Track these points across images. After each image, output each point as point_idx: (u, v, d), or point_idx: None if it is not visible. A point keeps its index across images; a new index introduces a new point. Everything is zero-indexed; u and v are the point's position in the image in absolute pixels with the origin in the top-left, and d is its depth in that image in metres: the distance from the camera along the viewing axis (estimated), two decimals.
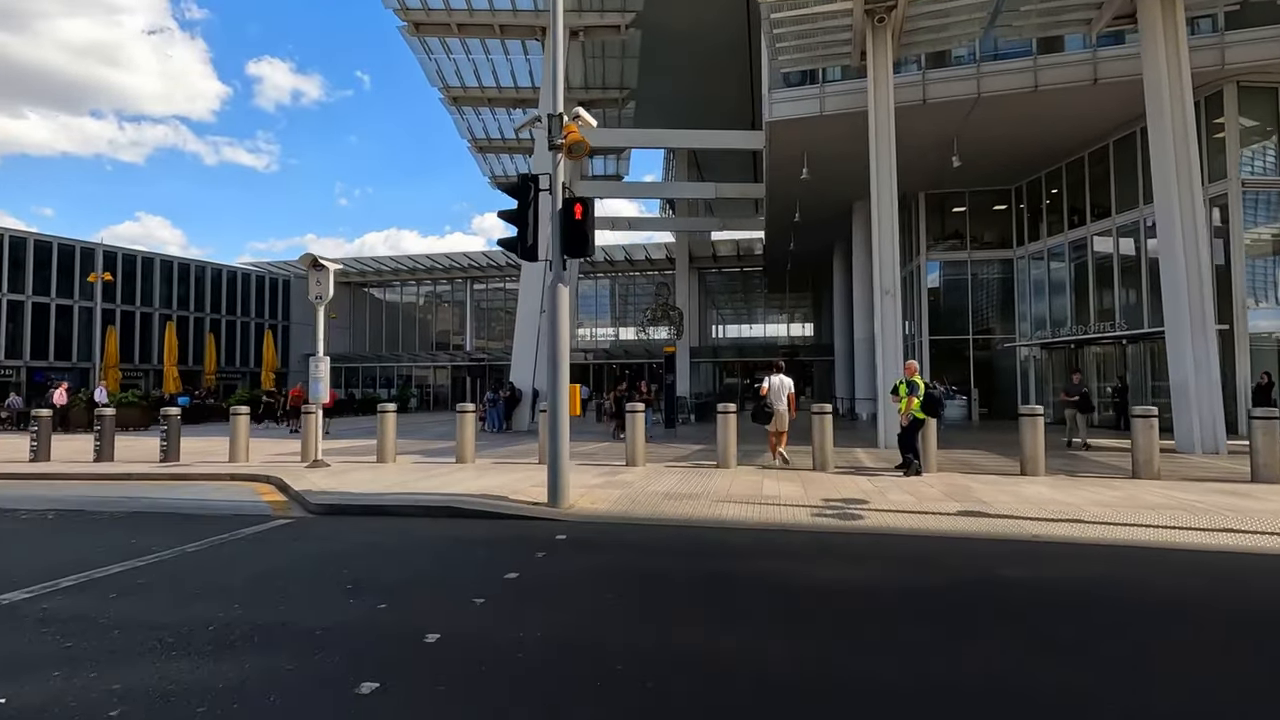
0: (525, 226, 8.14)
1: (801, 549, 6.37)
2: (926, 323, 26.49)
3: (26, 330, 32.63)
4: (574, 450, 15.67)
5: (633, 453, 11.70)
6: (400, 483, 9.79)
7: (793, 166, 22.98)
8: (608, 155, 34.69)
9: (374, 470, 11.35)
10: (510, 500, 8.25)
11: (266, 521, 7.58)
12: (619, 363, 42.07)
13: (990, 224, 27.25)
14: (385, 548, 6.38)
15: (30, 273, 32.62)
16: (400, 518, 7.71)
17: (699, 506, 7.89)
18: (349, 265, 44.73)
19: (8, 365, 32.27)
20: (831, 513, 7.54)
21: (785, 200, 26.77)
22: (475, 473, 10.96)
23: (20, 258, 32.66)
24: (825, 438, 11.07)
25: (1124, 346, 21.98)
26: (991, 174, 24.84)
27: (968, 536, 6.61)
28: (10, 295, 32.40)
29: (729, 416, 11.40)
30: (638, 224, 33.73)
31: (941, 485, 9.38)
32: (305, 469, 11.61)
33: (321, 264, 12.04)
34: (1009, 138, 21.39)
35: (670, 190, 32.15)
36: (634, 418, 11.69)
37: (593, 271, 44.20)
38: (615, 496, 8.57)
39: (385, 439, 12.54)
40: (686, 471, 10.95)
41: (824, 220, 29.12)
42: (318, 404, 12.08)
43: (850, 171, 23.84)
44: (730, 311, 46.79)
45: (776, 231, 31.54)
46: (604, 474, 10.69)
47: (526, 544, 6.40)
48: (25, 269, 32.76)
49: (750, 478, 10.18)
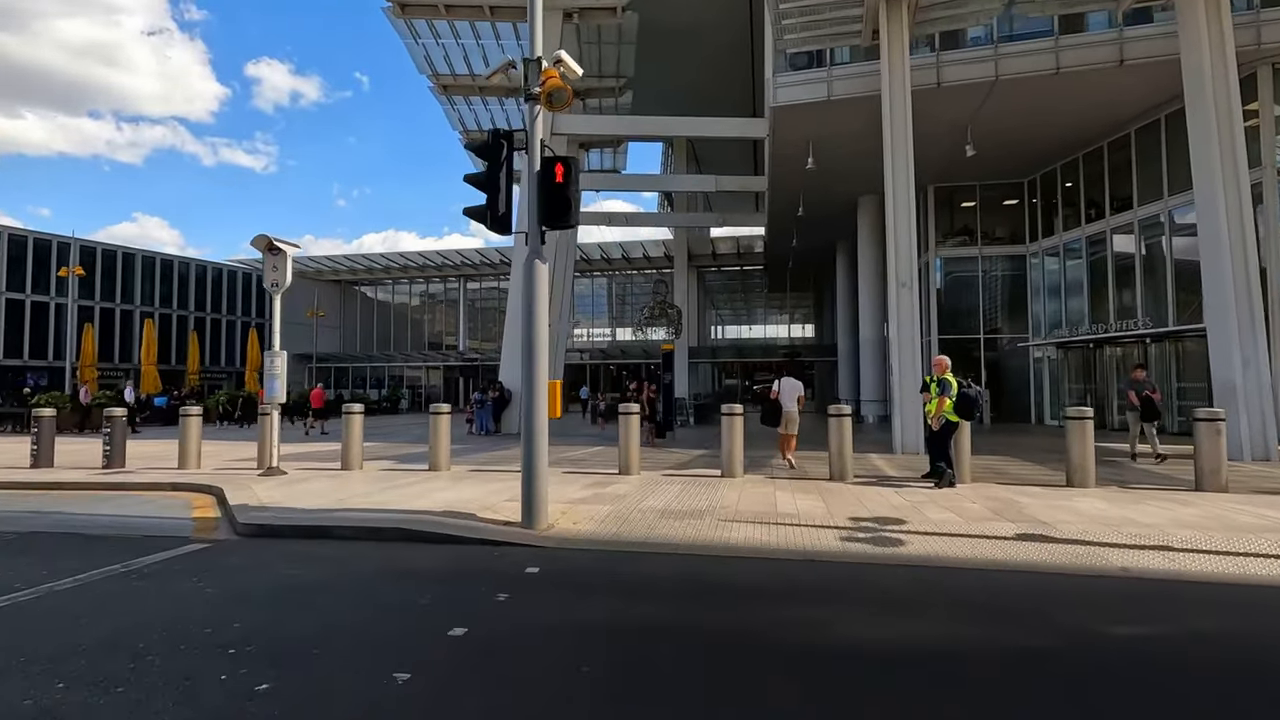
0: (496, 192, 6.77)
1: (837, 588, 4.99)
2: (935, 321, 25.11)
3: (0, 327, 31.19)
4: (561, 456, 14.34)
5: (626, 460, 10.31)
6: (358, 495, 8.40)
7: (797, 157, 21.62)
8: (604, 149, 33.34)
9: (334, 480, 9.96)
10: (478, 520, 6.86)
11: (179, 546, 6.19)
12: (616, 363, 40.69)
13: (1002, 219, 25.92)
14: (307, 587, 4.99)
15: (4, 268, 31.19)
16: (342, 541, 6.32)
17: (702, 528, 6.51)
18: (339, 263, 43.31)
19: None
20: (864, 536, 6.17)
21: (788, 194, 25.42)
22: (448, 483, 9.58)
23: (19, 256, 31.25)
24: (844, 444, 9.69)
25: (1146, 346, 20.66)
26: (1004, 166, 23.50)
27: (1041, 570, 5.24)
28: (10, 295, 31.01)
29: (734, 419, 10.02)
30: (635, 220, 32.38)
31: (983, 499, 8.00)
32: (258, 477, 10.23)
33: (277, 247, 10.66)
34: (1025, 126, 20.05)
35: (669, 183, 30.82)
36: (628, 421, 10.30)
37: (589, 270, 42.82)
38: (603, 514, 7.19)
39: (351, 444, 11.14)
40: (687, 482, 9.57)
41: (828, 215, 27.76)
42: (274, 404, 10.68)
43: (858, 161, 22.52)
44: (729, 312, 45.45)
45: (778, 227, 30.20)
46: (592, 485, 9.29)
47: (487, 580, 5.02)
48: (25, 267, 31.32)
49: (761, 489, 8.80)
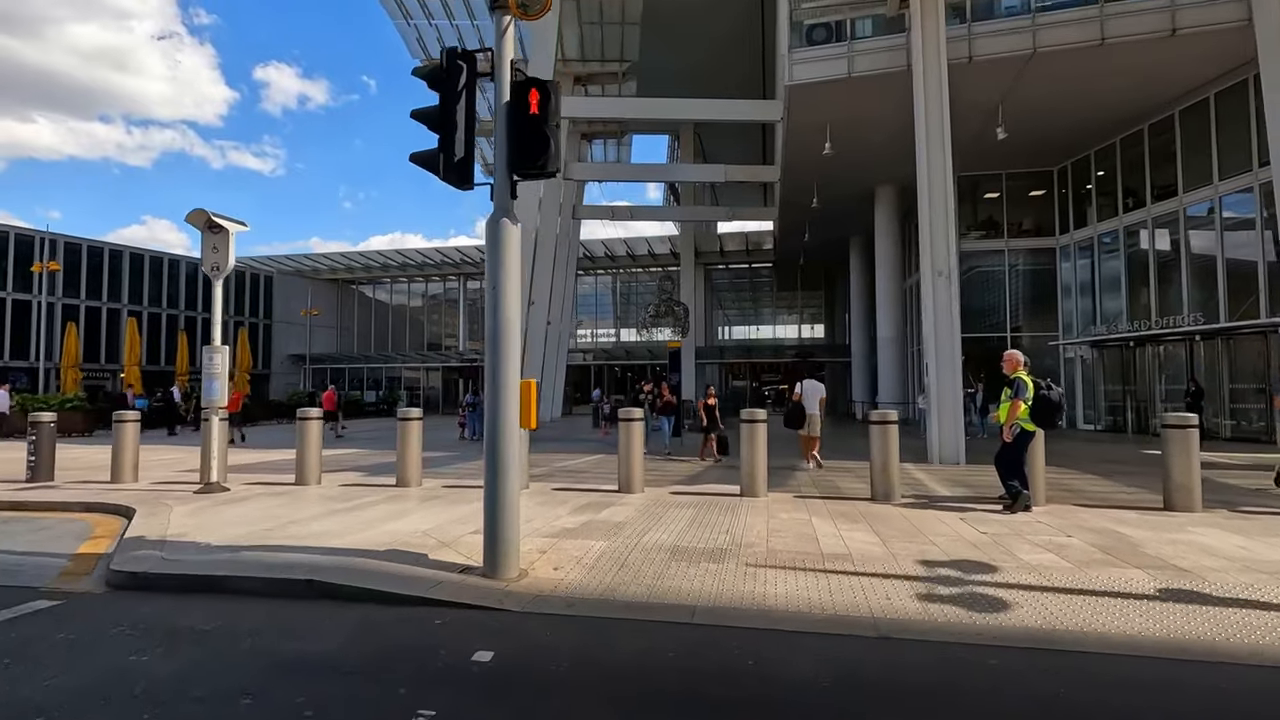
0: (451, 130, 5.06)
1: (930, 689, 3.25)
2: (959, 321, 23.25)
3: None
4: (556, 467, 12.22)
5: (627, 474, 8.58)
6: (293, 523, 6.69)
7: (813, 142, 19.87)
8: (606, 139, 31.66)
9: (278, 499, 8.26)
10: (428, 563, 5.14)
11: (15, 605, 4.49)
12: (620, 364, 38.98)
13: (1030, 210, 24.10)
14: (125, 697, 3.25)
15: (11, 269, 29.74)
16: (235, 599, 4.60)
17: (726, 577, 4.78)
18: (337, 262, 41.73)
19: None
20: (948, 593, 4.43)
21: (802, 184, 23.66)
22: (413, 504, 7.87)
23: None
24: (889, 458, 7.94)
25: (1194, 344, 18.83)
26: (1033, 153, 21.70)
27: (1229, 659, 3.49)
28: None
29: (756, 428, 8.27)
30: (639, 214, 30.67)
31: (1078, 531, 6.24)
32: (192, 495, 8.56)
33: (218, 224, 8.99)
34: (1060, 106, 18.25)
35: (675, 173, 29.09)
36: (629, 429, 8.57)
37: (592, 268, 41.12)
38: (595, 553, 5.45)
39: (306, 455, 9.45)
40: (701, 503, 7.83)
41: (843, 208, 25.99)
42: (213, 407, 9.00)
43: (878, 147, 20.75)
44: (737, 311, 43.67)
45: (790, 222, 28.46)
46: (586, 507, 7.56)
47: (411, 679, 3.30)
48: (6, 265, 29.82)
49: (793, 515, 7.05)
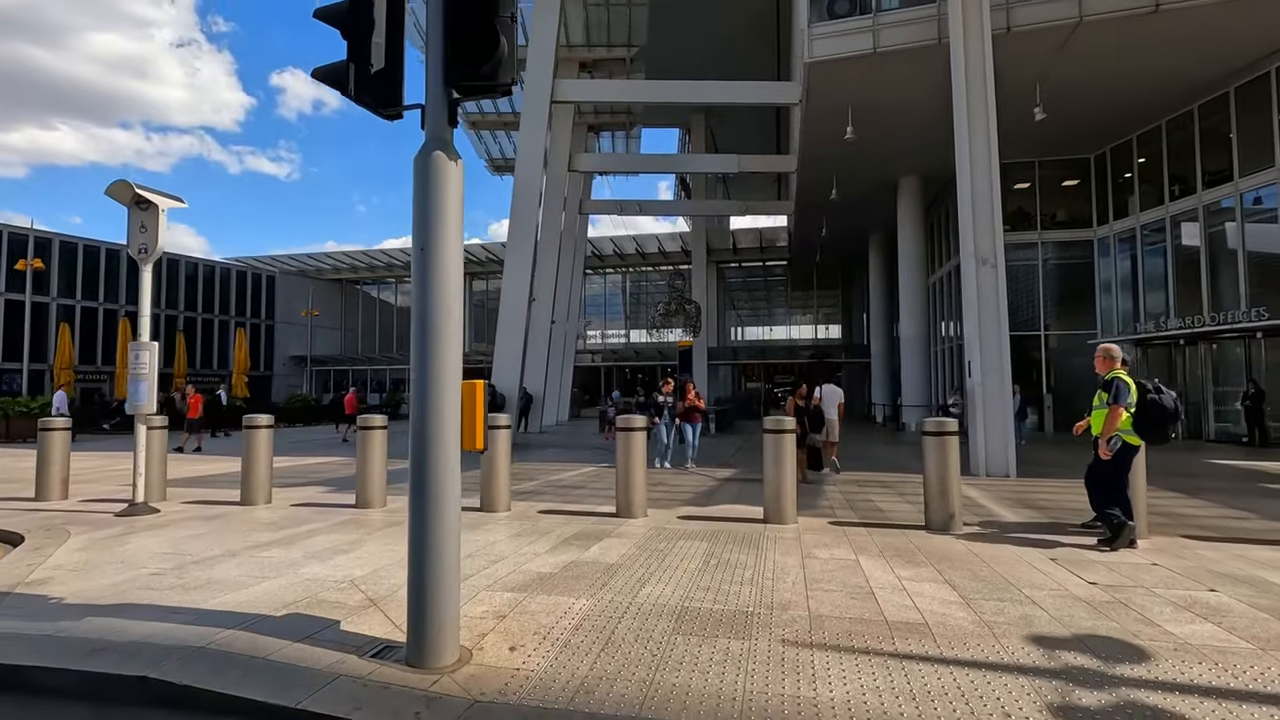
0: (367, 31, 3.54)
1: None
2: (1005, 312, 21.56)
3: None
4: (548, 481, 10.28)
5: (627, 496, 7.04)
6: (197, 564, 5.22)
7: (832, 128, 18.30)
8: (614, 131, 30.19)
9: (205, 527, 6.80)
10: (332, 640, 3.64)
11: None
12: (630, 365, 37.46)
13: (1064, 200, 22.36)
14: None
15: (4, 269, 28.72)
16: (37, 704, 3.14)
17: (755, 668, 3.24)
18: (340, 261, 40.50)
19: None
20: (1094, 700, 2.87)
21: (820, 174, 22.07)
22: (365, 532, 6.38)
23: None
24: (949, 478, 6.35)
25: (1253, 343, 17.06)
26: (1069, 138, 19.98)
27: None
28: None
29: (783, 441, 6.70)
30: (649, 208, 29.12)
31: (1220, 581, 4.64)
32: (114, 517, 7.14)
33: (145, 199, 7.56)
34: (1102, 84, 16.55)
35: (686, 164, 27.54)
36: (629, 442, 7.02)
37: (601, 266, 39.63)
38: (572, 622, 3.91)
39: (253, 471, 7.99)
40: (716, 535, 6.28)
41: (863, 200, 24.37)
42: (139, 413, 7.56)
43: (904, 131, 19.11)
44: (750, 311, 42.02)
45: (807, 215, 26.83)
46: (571, 540, 6.04)
47: None
48: None
49: (833, 551, 5.49)
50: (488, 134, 30.70)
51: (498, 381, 18.39)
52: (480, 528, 6.48)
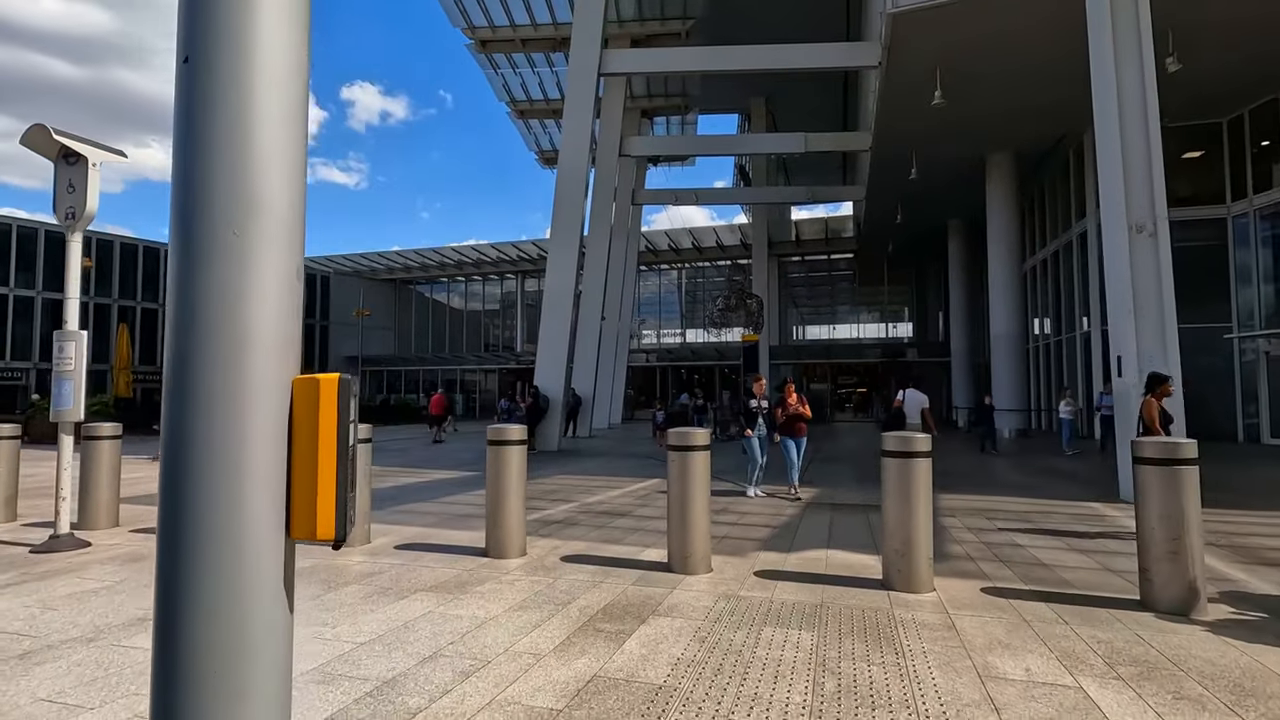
0: None
1: None
2: (1097, 311, 18.57)
3: (35, 329, 28.72)
4: (584, 504, 8.03)
5: (683, 544, 4.92)
6: (13, 657, 3.41)
7: (915, 95, 15.84)
8: (669, 116, 28.08)
9: (140, 572, 5.05)
10: None
11: None
12: (686, 365, 35.28)
13: (1188, 173, 19.11)
14: None
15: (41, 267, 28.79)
16: None
17: None
18: (393, 261, 39.65)
19: (15, 367, 28.39)
20: None
21: (897, 152, 19.49)
22: (318, 588, 4.50)
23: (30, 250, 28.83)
24: (1187, 528, 4.03)
25: None
26: (1197, 100, 16.80)
27: None
28: (18, 291, 28.57)
29: (913, 467, 4.48)
30: (706, 196, 26.88)
31: None
32: (29, 553, 5.48)
33: (74, 153, 5.90)
34: (1248, 29, 13.53)
35: (748, 144, 25.15)
36: (685, 465, 4.92)
37: (655, 262, 37.56)
38: None
39: None
40: (820, 613, 4.12)
41: (944, 182, 21.60)
42: (65, 421, 5.89)
43: (1004, 94, 16.38)
44: (811, 307, 39.19)
45: (879, 199, 24.13)
46: (596, 626, 3.97)
47: None
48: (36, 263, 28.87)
49: (1026, 665, 3.25)
50: (537, 124, 29.05)
51: (541, 382, 16.59)
52: (473, 590, 4.50)
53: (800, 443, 8.65)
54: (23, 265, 28.73)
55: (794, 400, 8.68)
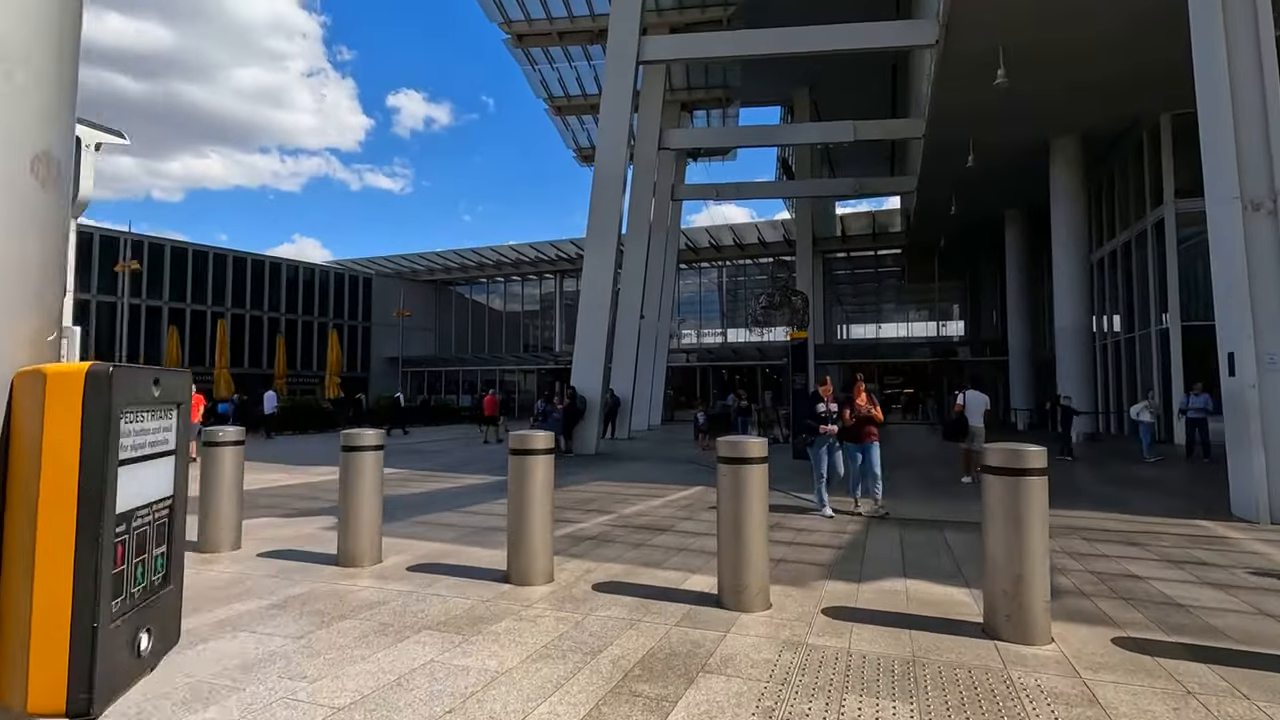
0: None
1: None
2: (1177, 305, 17.06)
3: (91, 331, 29.37)
4: (621, 515, 7.25)
5: (736, 575, 4.10)
6: None
7: (974, 76, 14.70)
8: (710, 109, 27.18)
9: None
10: None
11: None
12: (727, 365, 34.31)
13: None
14: None
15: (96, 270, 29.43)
16: None
17: None
18: (433, 262, 39.64)
19: None
20: None
21: (953, 137, 18.28)
22: (317, 620, 3.84)
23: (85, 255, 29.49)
24: None
25: None
26: None
27: None
28: (75, 294, 29.23)
29: (1024, 486, 3.59)
30: (747, 190, 25.95)
31: None
32: None
33: None
34: None
35: (793, 134, 24.05)
36: (740, 480, 4.11)
37: (695, 260, 36.65)
38: None
39: (214, 500, 5.66)
40: (912, 670, 3.28)
41: (1002, 169, 20.22)
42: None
43: (1072, 70, 15.08)
44: (856, 306, 37.76)
45: (932, 189, 22.83)
46: (631, 688, 3.20)
47: None
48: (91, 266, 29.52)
49: None
50: (575, 120, 28.47)
51: (578, 383, 15.92)
52: (487, 629, 3.77)
53: (870, 449, 7.49)
54: (79, 269, 29.37)
55: (863, 401, 7.54)
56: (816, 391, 7.67)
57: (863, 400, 7.57)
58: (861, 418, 7.50)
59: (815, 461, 7.56)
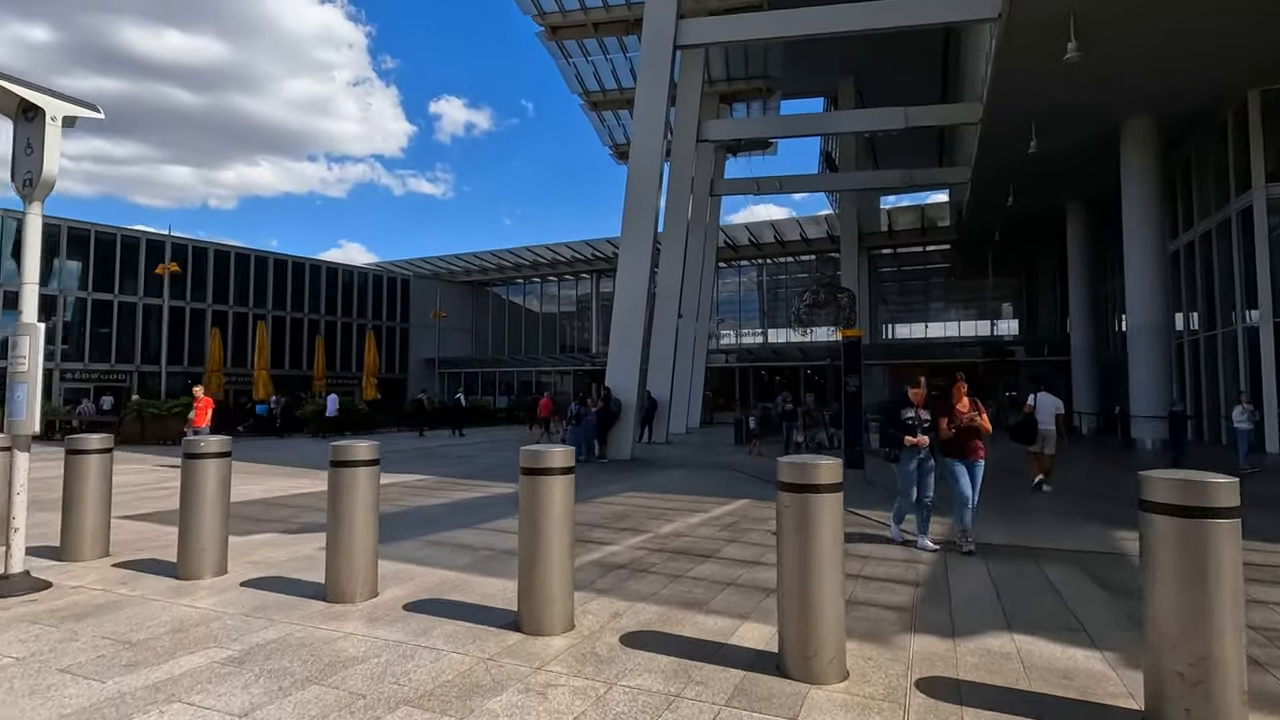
0: None
1: None
2: (1269, 299, 15.37)
3: (136, 333, 29.72)
4: (656, 536, 6.35)
5: (805, 626, 3.18)
6: None
7: (1039, 50, 13.43)
8: (750, 100, 26.08)
9: (60, 640, 3.76)
10: None
11: None
12: (767, 366, 33.12)
13: None
14: None
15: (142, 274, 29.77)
16: None
17: None
18: (470, 263, 39.34)
19: (119, 370, 29.43)
20: None
21: (1012, 122, 16.91)
22: (271, 688, 3.04)
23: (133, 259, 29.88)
24: None
25: None
26: None
27: None
28: (122, 298, 29.64)
29: (1207, 533, 2.59)
30: (790, 184, 24.77)
31: None
32: None
33: (34, 106, 4.75)
34: None
35: (839, 122, 22.75)
36: (808, 511, 3.18)
37: (735, 259, 35.53)
38: None
39: (195, 519, 4.96)
40: None
41: (1064, 155, 18.70)
42: (20, 434, 4.74)
43: (1152, 40, 13.65)
44: (903, 304, 36.12)
45: (987, 179, 21.37)
46: None
47: None
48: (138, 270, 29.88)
49: None
50: (610, 116, 27.68)
51: (613, 384, 15.08)
52: (484, 705, 2.91)
53: (976, 468, 6.01)
54: (127, 273, 29.78)
55: (966, 407, 5.98)
56: (905, 393, 6.18)
57: (964, 406, 6.01)
58: (963, 428, 5.97)
59: (903, 481, 6.09)
